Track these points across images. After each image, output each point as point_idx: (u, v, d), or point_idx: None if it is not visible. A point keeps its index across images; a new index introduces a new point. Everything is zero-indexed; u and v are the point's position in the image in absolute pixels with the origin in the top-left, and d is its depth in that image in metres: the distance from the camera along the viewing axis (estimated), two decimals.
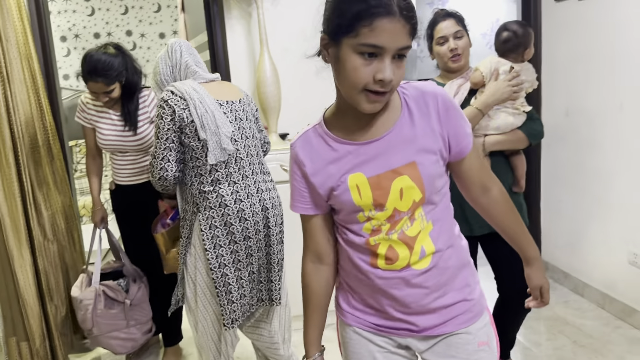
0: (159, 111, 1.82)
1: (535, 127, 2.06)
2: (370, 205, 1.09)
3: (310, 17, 3.17)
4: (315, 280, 1.22)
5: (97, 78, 2.25)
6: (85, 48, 5.67)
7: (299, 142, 1.15)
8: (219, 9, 2.91)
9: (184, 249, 1.96)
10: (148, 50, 5.80)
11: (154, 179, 1.88)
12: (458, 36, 1.96)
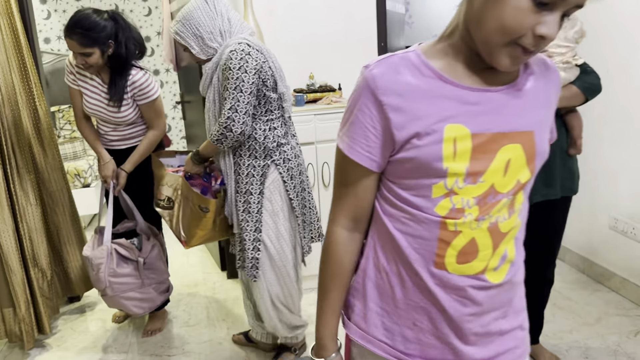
0: (239, 64, 1.83)
1: (591, 80, 1.88)
2: (462, 172, 0.81)
3: None
4: (349, 252, 0.94)
5: (72, 35, 2.11)
6: (66, 11, 5.52)
7: (379, 67, 0.84)
8: None
9: (254, 207, 1.96)
10: (131, 14, 5.65)
11: (232, 133, 1.86)
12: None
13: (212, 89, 1.97)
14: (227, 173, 2.03)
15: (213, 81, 1.96)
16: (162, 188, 2.18)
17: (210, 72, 1.96)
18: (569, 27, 1.79)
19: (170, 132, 6.03)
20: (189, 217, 2.07)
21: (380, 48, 3.07)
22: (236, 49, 1.85)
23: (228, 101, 1.85)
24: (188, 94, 3.61)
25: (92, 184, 4.12)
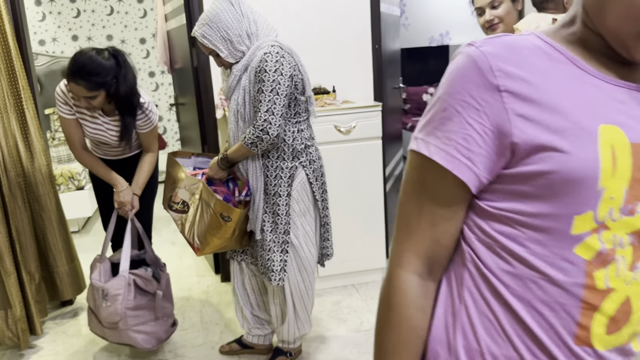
0: (277, 67, 1.84)
1: None
2: (621, 197, 0.57)
3: None
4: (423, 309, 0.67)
5: (79, 80, 2.01)
6: (61, 13, 5.51)
7: (491, 45, 0.62)
8: None
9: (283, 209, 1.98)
10: (126, 15, 5.63)
11: (268, 136, 1.86)
12: (494, 5, 1.87)
13: (239, 91, 1.95)
14: (255, 176, 2.00)
15: (242, 83, 1.94)
16: (179, 190, 2.11)
17: (239, 74, 1.93)
18: None
19: (165, 134, 6.02)
20: (207, 225, 2.00)
21: (375, 50, 3.07)
22: (270, 51, 1.85)
23: (264, 104, 1.85)
24: (182, 96, 3.60)
25: (85, 187, 4.10)
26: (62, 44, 5.59)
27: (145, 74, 5.84)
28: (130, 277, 2.17)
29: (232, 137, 2.03)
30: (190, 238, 2.07)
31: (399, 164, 3.98)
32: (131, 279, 2.17)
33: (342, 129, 2.79)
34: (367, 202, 2.92)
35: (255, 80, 1.89)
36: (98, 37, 5.64)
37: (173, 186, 2.15)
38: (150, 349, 2.28)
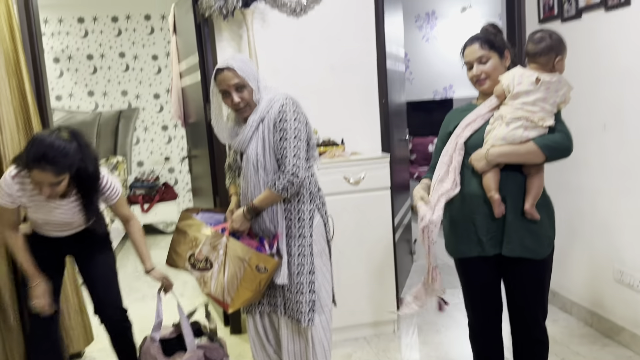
0: (296, 116, 1.99)
1: (554, 138, 1.81)
2: None
3: (298, 40, 3.26)
4: None
5: (45, 166, 1.85)
6: (78, 69, 5.72)
7: None
8: (210, 31, 2.96)
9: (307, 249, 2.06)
10: (141, 72, 5.85)
11: (298, 179, 1.99)
12: (482, 61, 1.91)
13: (258, 142, 2.04)
14: (277, 221, 2.07)
15: (260, 134, 2.03)
16: (203, 248, 2.06)
17: (255, 124, 2.03)
18: (553, 90, 1.81)
19: (176, 186, 6.10)
20: (242, 279, 2.00)
21: (382, 104, 3.16)
22: (287, 102, 2.01)
23: (289, 150, 1.97)
24: (195, 149, 3.69)
25: None
26: (78, 99, 5.79)
27: (159, 128, 5.99)
28: (200, 351, 2.23)
29: (252, 187, 2.08)
30: (219, 295, 2.03)
31: (407, 213, 4.00)
32: (201, 353, 2.23)
33: (351, 180, 2.84)
34: (376, 253, 2.93)
35: (276, 129, 2.00)
36: (113, 92, 5.83)
37: (192, 244, 2.10)
38: None
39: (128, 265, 4.71)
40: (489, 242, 1.90)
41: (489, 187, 1.84)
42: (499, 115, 1.86)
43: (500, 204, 1.84)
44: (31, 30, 2.74)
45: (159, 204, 5.67)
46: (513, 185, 1.87)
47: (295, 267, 2.07)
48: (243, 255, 2.00)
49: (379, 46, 3.13)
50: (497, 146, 1.83)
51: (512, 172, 1.86)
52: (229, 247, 2.03)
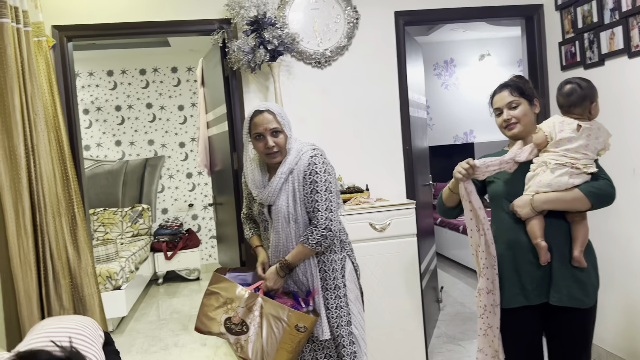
0: (325, 167, 2.00)
1: (599, 185, 1.81)
2: None
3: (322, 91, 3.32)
4: None
5: None
6: (107, 120, 5.91)
7: None
8: (238, 83, 3.06)
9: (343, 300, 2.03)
10: (167, 122, 6.01)
11: (332, 233, 1.97)
12: (512, 106, 1.93)
13: (288, 194, 2.01)
14: (311, 274, 2.03)
15: (290, 186, 2.00)
16: (239, 310, 1.97)
17: (285, 176, 2.00)
18: (594, 137, 1.83)
19: (199, 232, 6.14)
20: (280, 339, 1.91)
21: (405, 151, 3.19)
22: (315, 154, 2.01)
23: (322, 203, 1.97)
24: (220, 196, 3.74)
25: (122, 286, 4.16)
26: (106, 148, 5.95)
27: (183, 175, 6.10)
28: None
29: (283, 240, 2.03)
30: (257, 358, 1.93)
31: (434, 259, 3.95)
32: None
33: (377, 227, 2.83)
34: (403, 301, 2.89)
35: (305, 182, 1.99)
36: (140, 141, 5.98)
37: (227, 307, 2.00)
38: None
39: (150, 314, 4.69)
40: (534, 291, 1.86)
41: (535, 234, 1.82)
42: (542, 162, 1.85)
43: (547, 251, 1.82)
44: (67, 84, 2.87)
45: (182, 251, 5.70)
46: (557, 232, 1.85)
47: (334, 320, 2.03)
48: (281, 315, 1.92)
49: (402, 94, 3.19)
50: (542, 193, 1.82)
51: (556, 219, 1.85)
52: (264, 307, 1.95)
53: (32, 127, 2.49)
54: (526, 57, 3.44)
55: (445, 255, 5.75)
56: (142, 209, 5.70)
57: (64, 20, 2.88)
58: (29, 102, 2.49)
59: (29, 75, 2.50)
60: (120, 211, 5.66)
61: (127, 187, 5.82)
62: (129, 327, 4.30)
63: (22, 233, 2.42)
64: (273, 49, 2.85)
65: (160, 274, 5.74)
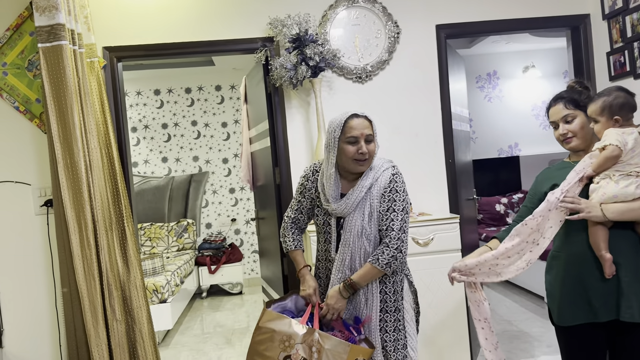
0: (404, 187, 1.96)
1: None
2: None
3: (363, 105, 3.33)
4: None
5: None
6: (154, 137, 6.10)
7: None
8: (280, 99, 3.11)
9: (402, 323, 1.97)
10: (211, 139, 6.16)
11: (402, 254, 1.91)
12: (568, 120, 1.89)
13: (366, 210, 1.93)
14: (372, 295, 1.94)
15: (368, 201, 1.93)
16: (298, 347, 1.86)
17: (365, 190, 1.93)
18: None
19: (242, 247, 6.22)
20: None
21: (449, 165, 3.15)
22: (397, 172, 1.97)
23: (397, 223, 1.90)
24: (263, 211, 3.78)
25: (168, 300, 4.25)
26: (153, 165, 6.13)
27: (226, 191, 6.21)
28: None
29: (351, 255, 1.94)
30: None
31: None
32: None
33: (421, 241, 2.80)
34: (448, 317, 2.83)
35: (384, 199, 1.93)
36: (185, 158, 6.14)
37: (285, 344, 1.88)
38: None
39: (195, 327, 4.77)
40: (603, 307, 1.78)
41: (599, 246, 1.76)
42: (605, 174, 1.80)
43: (612, 264, 1.75)
44: (117, 103, 2.99)
45: (226, 265, 5.78)
46: (625, 244, 1.78)
47: (391, 343, 1.95)
48: (340, 351, 1.82)
49: (444, 107, 3.17)
50: (608, 204, 1.76)
51: (623, 231, 1.78)
52: (322, 342, 1.84)
53: (88, 144, 2.61)
54: (572, 67, 3.36)
55: None
56: (187, 223, 5.83)
57: (114, 41, 3.01)
58: (85, 120, 2.61)
59: (84, 94, 2.62)
60: (166, 226, 5.81)
61: (173, 203, 5.97)
62: (174, 340, 4.38)
63: (86, 246, 2.53)
64: (314, 65, 2.89)
65: (204, 288, 5.83)
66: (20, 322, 2.86)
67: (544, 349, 3.55)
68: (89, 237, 2.53)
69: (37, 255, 2.86)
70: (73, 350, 2.56)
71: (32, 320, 2.86)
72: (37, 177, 2.87)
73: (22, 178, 2.86)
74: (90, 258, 2.53)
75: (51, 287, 2.84)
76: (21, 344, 2.87)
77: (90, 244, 2.53)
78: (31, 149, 2.87)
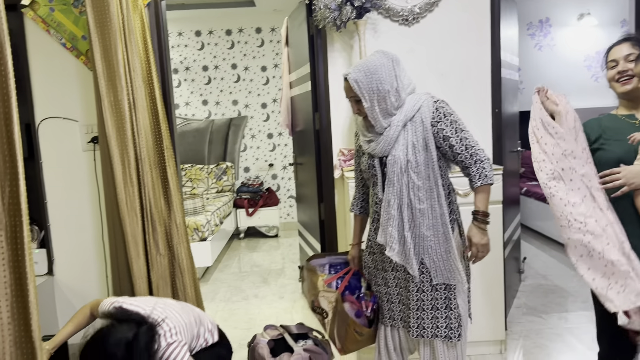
0: (452, 110, 1.93)
1: None
2: None
3: (409, 49, 3.22)
4: None
5: None
6: (195, 80, 6.12)
7: None
8: (323, 42, 3.04)
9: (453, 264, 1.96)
10: (251, 83, 6.13)
11: (489, 162, 1.91)
12: (630, 59, 1.77)
13: (405, 142, 1.92)
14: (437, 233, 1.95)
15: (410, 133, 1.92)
16: (320, 299, 2.21)
17: (402, 124, 1.92)
18: None
19: (278, 192, 6.30)
20: (345, 336, 2.10)
21: (495, 114, 3.05)
22: (439, 99, 1.95)
23: (470, 140, 1.91)
24: (301, 156, 3.79)
25: (208, 238, 4.39)
26: (194, 107, 6.18)
27: (264, 136, 6.24)
28: (306, 354, 2.29)
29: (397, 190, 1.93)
30: (332, 340, 2.18)
31: (517, 229, 3.81)
32: (307, 355, 2.29)
33: (461, 192, 2.76)
34: (485, 270, 2.82)
35: (440, 127, 1.90)
36: (225, 101, 6.16)
37: (314, 292, 2.25)
38: None
39: (233, 266, 4.93)
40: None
41: None
42: None
43: None
44: (160, 42, 2.98)
45: (263, 209, 5.89)
46: None
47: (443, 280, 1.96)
48: (345, 319, 2.07)
49: (494, 54, 3.03)
50: None
51: None
52: (337, 306, 2.10)
53: (132, 82, 2.63)
54: (634, 15, 3.14)
55: (529, 226, 5.52)
56: (226, 166, 5.92)
57: None
58: (129, 59, 2.62)
59: (128, 32, 2.62)
60: (206, 168, 5.92)
61: (213, 145, 6.05)
62: (213, 277, 4.56)
63: (129, 182, 2.60)
64: (360, 5, 2.78)
65: (242, 229, 5.99)
66: (70, 252, 3.01)
67: (579, 304, 3.53)
68: (131, 174, 2.60)
69: (84, 190, 2.97)
70: (116, 280, 2.68)
71: (80, 251, 3.00)
72: (83, 114, 2.93)
73: (70, 115, 2.93)
74: (132, 194, 2.60)
75: (98, 221, 2.96)
76: (70, 273, 3.03)
77: (133, 181, 2.60)
78: (78, 86, 2.92)
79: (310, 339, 2.45)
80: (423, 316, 1.99)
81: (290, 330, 2.48)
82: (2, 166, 1.43)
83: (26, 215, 1.46)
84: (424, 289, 1.97)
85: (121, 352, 1.72)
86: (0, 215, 1.43)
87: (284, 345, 2.41)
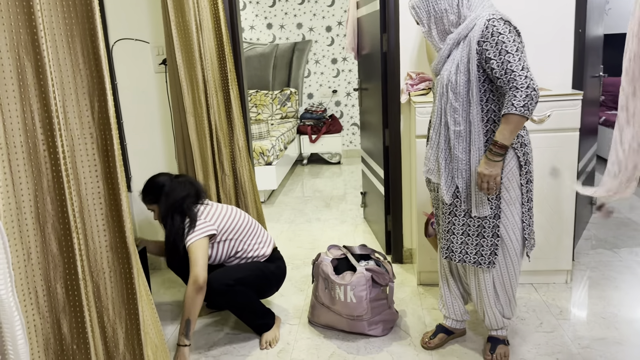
0: (509, 29, 1.78)
1: None
2: None
3: None
4: None
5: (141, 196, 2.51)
6: (259, 2, 6.02)
7: None
8: None
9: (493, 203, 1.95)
10: (315, 4, 5.96)
11: (536, 92, 1.75)
12: None
13: (452, 63, 1.88)
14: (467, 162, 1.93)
15: (455, 55, 1.88)
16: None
17: (452, 42, 1.88)
18: None
19: (342, 119, 6.28)
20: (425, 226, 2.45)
21: (578, 35, 2.83)
22: (493, 17, 1.79)
23: (514, 63, 1.75)
24: (367, 82, 3.71)
25: (273, 162, 4.48)
26: (258, 31, 6.13)
27: (328, 61, 6.13)
28: (368, 273, 2.36)
29: (438, 112, 1.95)
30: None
31: (592, 160, 3.64)
32: (369, 275, 2.36)
33: (535, 118, 2.63)
34: (557, 199, 2.73)
35: (486, 46, 1.79)
36: (289, 25, 6.06)
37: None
38: (383, 336, 2.42)
39: (296, 190, 5.05)
40: None
41: None
42: None
43: None
44: None
45: (326, 136, 5.91)
46: None
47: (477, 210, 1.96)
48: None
49: None
50: None
51: None
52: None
53: (199, 3, 2.62)
54: None
55: (606, 158, 5.24)
56: (290, 92, 5.92)
57: None
58: None
59: None
60: (270, 94, 5.95)
61: (277, 71, 6.04)
62: (278, 200, 4.70)
63: (197, 104, 2.66)
64: None
65: (305, 156, 6.07)
66: (145, 169, 3.17)
67: None
68: (200, 96, 2.65)
69: (156, 111, 3.07)
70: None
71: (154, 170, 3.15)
72: (154, 36, 2.98)
73: (141, 36, 2.99)
74: (201, 116, 2.67)
75: (170, 141, 3.09)
76: None
77: (202, 102, 2.66)
78: (148, 8, 2.95)
79: (372, 259, 2.51)
80: (452, 240, 2.04)
81: (353, 251, 2.55)
82: (90, 82, 1.49)
83: (115, 129, 1.53)
84: (457, 213, 2.00)
85: (166, 187, 2.41)
86: (92, 129, 1.51)
87: (346, 264, 2.49)
